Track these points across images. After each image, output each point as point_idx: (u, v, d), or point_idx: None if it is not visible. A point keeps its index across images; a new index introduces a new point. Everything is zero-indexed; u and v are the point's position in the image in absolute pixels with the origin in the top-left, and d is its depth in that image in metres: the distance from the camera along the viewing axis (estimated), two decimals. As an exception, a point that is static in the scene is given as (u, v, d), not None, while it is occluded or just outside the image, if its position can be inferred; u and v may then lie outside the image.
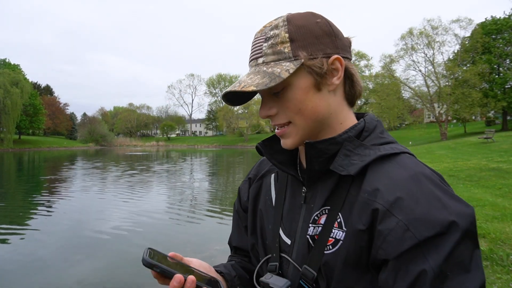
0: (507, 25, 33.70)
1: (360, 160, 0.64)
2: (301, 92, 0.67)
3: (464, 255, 0.54)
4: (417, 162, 0.64)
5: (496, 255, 3.42)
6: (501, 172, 8.59)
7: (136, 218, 7.59)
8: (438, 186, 0.59)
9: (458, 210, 0.56)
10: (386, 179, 0.61)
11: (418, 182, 0.59)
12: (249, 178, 0.91)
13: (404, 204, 0.57)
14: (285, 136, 0.70)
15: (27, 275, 4.63)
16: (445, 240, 0.54)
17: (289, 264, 0.71)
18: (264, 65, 0.67)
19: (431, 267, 0.53)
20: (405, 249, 0.55)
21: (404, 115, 41.44)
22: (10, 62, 62.96)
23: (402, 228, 0.55)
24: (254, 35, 0.72)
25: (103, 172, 18.87)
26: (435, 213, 0.55)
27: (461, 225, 0.55)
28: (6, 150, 49.17)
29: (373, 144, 0.67)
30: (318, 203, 0.69)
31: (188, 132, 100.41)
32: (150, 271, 0.71)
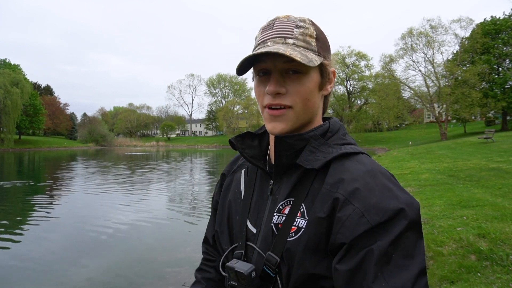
0: (506, 25, 33.69)
1: (324, 156, 0.72)
2: (313, 85, 0.74)
3: (409, 241, 0.61)
4: (373, 161, 0.73)
5: (496, 255, 3.42)
6: (501, 172, 8.59)
7: (136, 218, 7.59)
8: (390, 180, 0.68)
9: (407, 200, 0.64)
10: (347, 173, 0.68)
11: (374, 176, 0.67)
12: (223, 174, 0.97)
13: (361, 194, 0.64)
14: (280, 120, 0.74)
15: (29, 275, 4.63)
16: (394, 225, 0.61)
17: (254, 251, 0.76)
18: (295, 46, 0.71)
19: (378, 247, 0.60)
20: (360, 232, 0.61)
21: (404, 115, 41.42)
22: (11, 62, 62.96)
23: (358, 214, 0.62)
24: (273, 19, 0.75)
25: (103, 172, 18.87)
26: (387, 202, 0.63)
27: (409, 213, 0.62)
28: (6, 150, 49.16)
29: (335, 144, 0.75)
30: (283, 194, 0.75)
31: (188, 132, 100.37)
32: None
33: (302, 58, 0.68)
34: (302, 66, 0.70)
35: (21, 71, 61.15)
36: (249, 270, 0.72)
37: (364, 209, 0.62)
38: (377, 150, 34.14)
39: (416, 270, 0.59)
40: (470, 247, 3.67)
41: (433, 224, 4.60)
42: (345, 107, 54.11)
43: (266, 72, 0.74)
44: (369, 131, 55.31)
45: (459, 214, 4.97)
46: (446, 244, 3.84)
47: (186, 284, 4.16)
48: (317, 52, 0.73)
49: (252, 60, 0.73)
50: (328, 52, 0.77)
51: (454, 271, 3.25)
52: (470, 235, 3.97)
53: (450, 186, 7.42)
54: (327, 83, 0.78)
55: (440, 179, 8.53)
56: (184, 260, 5.02)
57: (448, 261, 3.46)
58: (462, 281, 3.07)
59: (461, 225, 4.44)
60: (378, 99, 39.91)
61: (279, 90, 0.72)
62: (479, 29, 34.13)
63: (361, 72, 53.00)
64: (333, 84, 0.79)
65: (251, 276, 0.71)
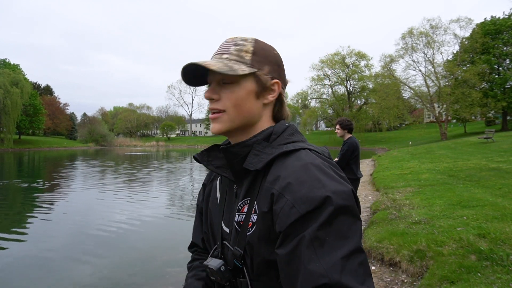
0: (506, 25, 33.70)
1: (266, 157, 0.80)
2: (244, 93, 0.83)
3: (342, 224, 0.67)
4: (311, 155, 0.78)
5: (496, 255, 3.41)
6: (501, 172, 8.58)
7: (136, 218, 7.59)
8: (322, 171, 0.73)
9: (334, 188, 0.70)
10: (283, 170, 0.76)
11: (306, 169, 0.73)
12: (204, 184, 1.08)
13: (292, 188, 0.72)
14: (216, 121, 0.85)
15: (29, 274, 4.63)
16: (321, 212, 0.67)
17: (228, 248, 0.86)
18: (226, 60, 0.83)
19: (308, 233, 0.67)
20: (291, 221, 0.69)
21: (404, 115, 41.43)
22: (10, 62, 62.96)
23: (289, 205, 0.70)
24: (224, 40, 0.88)
25: (103, 172, 18.88)
26: (315, 192, 0.69)
27: (335, 200, 0.68)
28: (6, 150, 49.17)
29: (279, 144, 0.82)
30: (241, 195, 0.84)
31: (188, 132, 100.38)
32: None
33: (220, 67, 0.79)
34: (231, 76, 0.81)
35: (21, 71, 61.14)
36: (218, 266, 0.82)
37: (294, 201, 0.70)
38: (377, 150, 34.12)
39: (349, 249, 0.65)
40: (470, 247, 3.67)
41: (433, 224, 4.60)
42: (345, 107, 54.11)
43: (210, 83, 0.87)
44: (369, 131, 55.33)
45: (459, 214, 4.96)
46: (446, 244, 3.83)
47: (186, 284, 4.15)
48: (250, 64, 0.83)
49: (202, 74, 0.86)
50: (267, 65, 0.85)
51: (454, 271, 3.25)
52: (470, 235, 3.97)
53: (450, 186, 7.42)
54: (266, 92, 0.85)
55: (440, 179, 8.53)
56: (184, 260, 5.00)
57: (448, 261, 3.45)
58: (462, 281, 3.07)
59: (461, 225, 4.44)
60: (378, 99, 39.92)
61: (212, 96, 0.84)
62: (479, 29, 34.15)
63: (361, 72, 53.00)
64: (277, 94, 0.86)
65: (220, 270, 0.82)
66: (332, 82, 54.50)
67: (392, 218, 5.20)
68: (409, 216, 5.16)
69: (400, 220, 5.01)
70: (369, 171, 13.45)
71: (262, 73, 0.84)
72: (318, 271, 0.64)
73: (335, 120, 42.85)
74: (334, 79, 54.38)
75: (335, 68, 52.88)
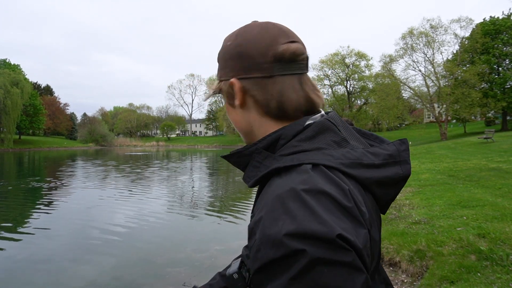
0: (505, 26, 33.70)
1: (260, 174, 0.62)
2: (227, 107, 0.74)
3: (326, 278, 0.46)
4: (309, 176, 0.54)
5: (496, 255, 3.42)
6: (501, 172, 8.59)
7: (136, 218, 7.60)
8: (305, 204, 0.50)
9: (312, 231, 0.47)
10: (266, 195, 0.56)
11: (285, 200, 0.52)
12: None
13: (263, 224, 0.52)
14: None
15: (29, 274, 4.64)
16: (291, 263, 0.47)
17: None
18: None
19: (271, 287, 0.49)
20: (255, 268, 0.51)
21: (404, 115, 41.42)
22: (10, 62, 62.98)
23: (256, 247, 0.51)
24: None
25: (104, 172, 18.88)
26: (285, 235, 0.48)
27: (309, 250, 0.47)
28: (6, 150, 49.17)
29: (282, 155, 0.62)
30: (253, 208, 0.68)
31: (188, 132, 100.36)
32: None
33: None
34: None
35: (21, 71, 61.17)
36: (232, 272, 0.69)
37: (261, 242, 0.51)
38: (377, 150, 34.04)
39: None
40: (470, 247, 3.68)
41: (433, 224, 4.60)
42: (345, 107, 54.13)
43: None
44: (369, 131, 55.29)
45: (459, 214, 4.97)
46: (446, 244, 3.84)
47: (186, 284, 4.16)
48: (219, 78, 0.71)
49: None
50: (224, 68, 0.69)
51: (454, 271, 3.25)
52: (470, 235, 3.98)
53: (450, 186, 7.42)
54: (232, 99, 0.69)
55: (440, 179, 8.53)
56: (184, 260, 5.02)
57: (448, 261, 3.46)
58: (462, 281, 3.07)
59: (461, 225, 4.44)
60: (378, 99, 39.91)
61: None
62: (479, 29, 34.15)
63: (361, 72, 52.99)
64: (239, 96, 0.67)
65: (233, 278, 0.69)
66: (332, 82, 54.52)
67: (392, 218, 5.21)
68: (409, 216, 5.16)
69: (400, 220, 5.02)
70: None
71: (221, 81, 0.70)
72: None
73: (335, 120, 42.46)
74: (334, 79, 54.40)
75: (335, 68, 52.90)
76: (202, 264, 4.82)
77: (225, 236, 6.34)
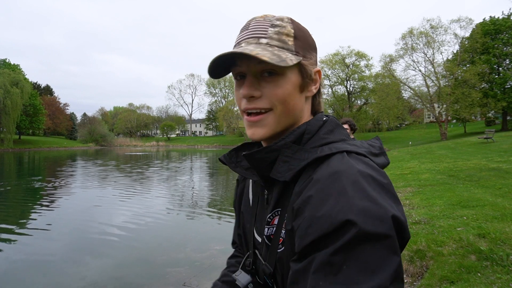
0: (505, 26, 33.71)
1: (298, 165, 0.65)
2: (291, 86, 0.69)
3: (367, 254, 0.52)
4: (348, 161, 0.61)
5: (496, 255, 3.42)
6: (501, 172, 8.59)
7: (137, 218, 7.59)
8: (355, 183, 0.56)
9: (363, 209, 0.53)
10: (311, 178, 0.61)
11: (334, 180, 0.57)
12: (237, 180, 0.97)
13: (312, 202, 0.57)
14: (259, 124, 0.70)
15: (31, 275, 4.64)
16: (338, 236, 0.53)
17: (260, 260, 0.77)
18: (267, 46, 0.68)
19: (320, 255, 0.54)
20: (306, 243, 0.56)
21: (404, 115, 41.42)
22: (10, 62, 62.96)
23: (306, 224, 0.56)
24: (250, 19, 0.73)
25: (104, 172, 18.88)
26: (336, 211, 0.54)
27: (361, 224, 0.52)
28: (6, 150, 49.17)
29: (313, 147, 0.67)
30: (271, 205, 0.72)
31: (188, 132, 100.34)
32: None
33: (271, 58, 0.64)
34: (277, 66, 0.66)
35: (20, 71, 61.15)
36: (246, 283, 0.74)
37: (311, 219, 0.56)
38: (377, 150, 34.06)
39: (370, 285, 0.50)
40: (470, 247, 3.67)
41: (433, 224, 4.60)
42: (345, 107, 54.13)
43: (242, 76, 0.72)
44: (369, 131, 55.31)
45: (459, 214, 4.97)
46: (446, 244, 3.84)
47: (186, 284, 4.15)
48: (295, 51, 0.69)
49: (229, 63, 0.71)
50: (309, 52, 0.72)
51: (454, 271, 3.25)
52: (470, 235, 3.97)
53: (450, 186, 7.42)
54: (309, 84, 0.72)
55: (440, 179, 8.53)
56: (184, 260, 5.02)
57: (448, 261, 3.46)
58: (462, 281, 3.07)
59: (461, 225, 4.44)
60: (378, 99, 39.91)
61: (253, 93, 0.69)
62: (479, 29, 34.16)
63: (361, 72, 52.99)
64: (318, 84, 0.74)
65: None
66: (332, 82, 54.52)
67: (392, 218, 5.20)
68: (409, 216, 5.16)
69: (400, 220, 5.01)
70: (369, 171, 13.43)
71: (307, 62, 0.71)
72: None
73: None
74: (334, 79, 54.40)
75: (335, 68, 52.91)
76: (202, 264, 4.82)
77: (225, 236, 6.34)
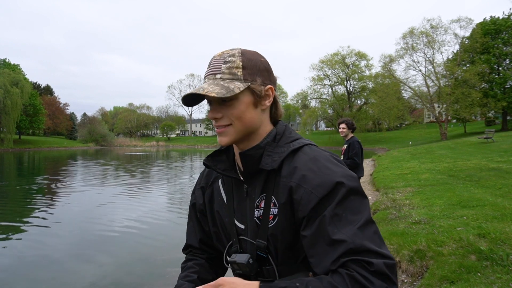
0: (505, 25, 33.70)
1: (279, 156, 0.91)
2: (244, 105, 0.91)
3: (354, 202, 0.81)
4: (315, 149, 0.93)
5: (496, 255, 3.41)
6: (501, 172, 8.58)
7: (137, 218, 7.59)
8: (329, 161, 0.88)
9: (343, 173, 0.85)
10: (295, 164, 0.88)
11: (315, 161, 0.87)
12: (201, 186, 1.12)
13: (307, 178, 0.85)
14: (224, 134, 0.93)
15: (33, 273, 4.64)
16: (336, 194, 0.81)
17: (247, 242, 0.96)
18: (221, 80, 0.89)
19: (328, 212, 0.80)
20: (312, 205, 0.81)
21: (404, 115, 41.40)
22: (10, 62, 62.95)
23: (308, 193, 0.83)
24: (212, 57, 0.94)
25: (104, 172, 18.88)
26: (327, 178, 0.83)
27: (346, 183, 0.82)
28: (6, 150, 49.17)
29: (285, 143, 0.94)
30: (257, 193, 0.94)
31: (188, 132, 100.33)
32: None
33: (219, 92, 0.86)
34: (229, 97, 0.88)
35: (20, 71, 61.15)
36: (247, 259, 0.91)
37: (312, 188, 0.83)
38: (377, 150, 34.10)
39: (363, 220, 0.79)
40: (470, 247, 3.67)
41: (433, 224, 4.60)
42: (345, 107, 54.11)
43: (209, 103, 0.95)
44: (369, 131, 55.30)
45: (459, 214, 4.97)
46: (446, 244, 3.84)
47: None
48: (243, 79, 0.90)
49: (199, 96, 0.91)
50: (258, 75, 0.92)
51: (454, 271, 3.25)
52: (470, 235, 3.97)
53: (450, 186, 7.42)
54: (261, 100, 0.93)
55: (440, 179, 8.53)
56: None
57: (448, 261, 3.45)
58: (462, 281, 3.07)
59: (461, 225, 4.44)
60: (378, 99, 39.89)
61: (216, 116, 0.92)
62: (479, 29, 34.15)
63: (361, 72, 52.98)
64: (272, 98, 0.95)
65: (249, 263, 0.91)
66: (332, 82, 54.52)
67: (392, 218, 5.20)
68: (409, 216, 5.16)
69: (400, 220, 5.01)
70: (369, 171, 13.45)
71: (256, 85, 0.91)
72: (343, 239, 0.76)
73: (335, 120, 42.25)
74: (334, 79, 54.36)
75: (335, 68, 52.90)
76: (202, 264, 4.81)
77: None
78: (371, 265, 0.74)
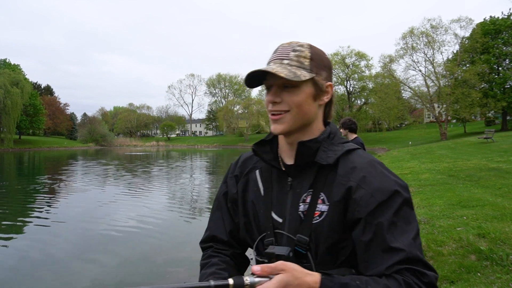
0: (505, 25, 33.69)
1: (334, 154, 0.92)
2: (305, 95, 0.92)
3: (406, 212, 0.85)
4: (369, 154, 0.96)
5: (496, 255, 3.42)
6: (501, 172, 8.59)
7: (137, 218, 7.60)
8: (384, 167, 0.92)
9: (399, 183, 0.88)
10: (353, 165, 0.90)
11: (373, 166, 0.90)
12: (235, 175, 1.09)
13: (367, 180, 0.87)
14: (279, 122, 0.93)
15: (36, 273, 4.65)
16: (393, 202, 0.84)
17: (283, 236, 0.94)
18: (288, 65, 0.90)
19: (386, 219, 0.82)
20: (371, 209, 0.84)
21: (404, 115, 41.37)
22: (10, 62, 62.95)
23: (368, 195, 0.85)
24: (280, 44, 0.97)
25: (104, 172, 18.88)
26: (386, 185, 0.86)
27: (402, 193, 0.86)
28: (7, 150, 49.17)
29: (338, 143, 0.96)
30: (305, 187, 0.93)
31: (188, 132, 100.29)
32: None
33: (287, 74, 0.86)
34: (293, 81, 0.88)
35: (21, 71, 61.13)
36: (287, 252, 0.88)
37: (372, 191, 0.85)
38: (377, 150, 34.11)
39: (415, 231, 0.83)
40: (470, 247, 3.68)
41: (433, 224, 4.60)
42: (345, 107, 54.09)
43: (269, 87, 0.94)
44: (369, 131, 55.29)
45: (459, 214, 4.97)
46: (446, 244, 3.84)
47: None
48: (309, 69, 0.91)
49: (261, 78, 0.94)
50: (323, 70, 0.94)
51: (454, 271, 3.26)
52: (470, 235, 3.98)
53: (450, 186, 7.43)
54: (321, 94, 0.95)
55: (440, 179, 8.54)
56: (184, 260, 5.03)
57: (448, 261, 3.46)
58: (462, 281, 3.08)
59: (461, 225, 4.45)
60: (378, 99, 39.87)
61: (275, 99, 0.92)
62: (479, 29, 34.13)
63: (361, 72, 52.97)
64: (330, 95, 0.97)
65: (289, 256, 0.87)
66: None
67: (392, 218, 5.20)
68: (409, 216, 5.16)
69: (400, 220, 5.01)
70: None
71: (320, 78, 0.93)
72: (401, 248, 0.80)
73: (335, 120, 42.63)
74: (334, 79, 53.68)
75: (335, 68, 52.80)
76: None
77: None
78: (425, 276, 0.79)
